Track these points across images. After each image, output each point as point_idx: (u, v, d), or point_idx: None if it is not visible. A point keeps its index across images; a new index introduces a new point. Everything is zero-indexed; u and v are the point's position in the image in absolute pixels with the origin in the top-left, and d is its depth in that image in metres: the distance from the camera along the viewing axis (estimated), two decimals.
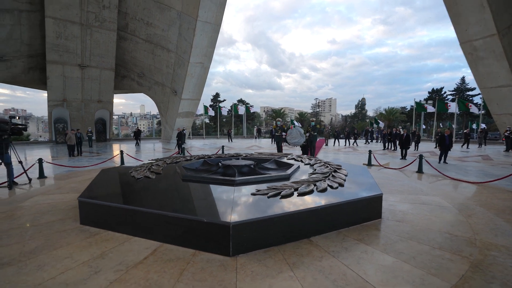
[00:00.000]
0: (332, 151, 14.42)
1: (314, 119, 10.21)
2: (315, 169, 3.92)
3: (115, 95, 22.87)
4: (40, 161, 6.20)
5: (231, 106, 29.92)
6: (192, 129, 41.12)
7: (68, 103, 19.50)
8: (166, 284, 1.82)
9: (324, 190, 2.89)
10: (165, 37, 19.56)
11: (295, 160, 4.89)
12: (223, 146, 11.59)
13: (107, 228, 2.68)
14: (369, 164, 7.92)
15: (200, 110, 29.01)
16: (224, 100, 43.46)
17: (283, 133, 9.58)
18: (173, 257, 2.14)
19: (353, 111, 65.89)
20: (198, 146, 18.45)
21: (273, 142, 20.66)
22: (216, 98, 43.96)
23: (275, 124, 10.37)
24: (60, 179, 5.86)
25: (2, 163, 5.06)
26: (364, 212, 2.84)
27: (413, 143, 14.51)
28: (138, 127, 25.05)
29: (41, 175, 5.99)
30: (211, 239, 2.14)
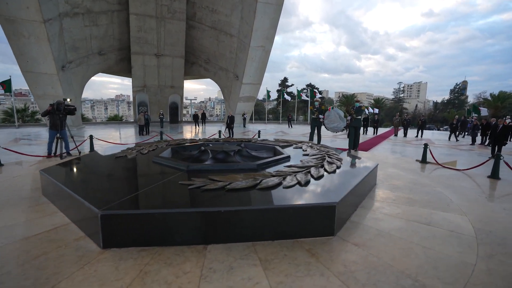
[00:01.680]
0: (393, 142, 12.15)
1: (359, 99, 8.08)
2: (301, 161, 3.21)
3: (196, 80, 25.12)
4: (91, 137, 7.36)
5: (297, 91, 28.94)
6: (260, 114, 42.00)
7: (147, 88, 22.58)
8: None
9: (270, 188, 2.23)
10: (228, 22, 19.98)
11: (303, 150, 4.18)
12: (259, 131, 11.13)
13: None
14: (424, 161, 6.19)
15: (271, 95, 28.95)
16: (292, 85, 42.40)
17: (320, 116, 8.03)
18: None
19: (447, 97, 53.97)
20: (251, 130, 18.65)
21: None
22: (284, 82, 43.28)
23: (313, 104, 8.92)
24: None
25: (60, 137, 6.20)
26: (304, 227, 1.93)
27: None
28: (203, 111, 27.06)
29: (92, 149, 7.10)
30: None
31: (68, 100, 6.53)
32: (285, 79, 43.63)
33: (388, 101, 54.74)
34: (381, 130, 21.09)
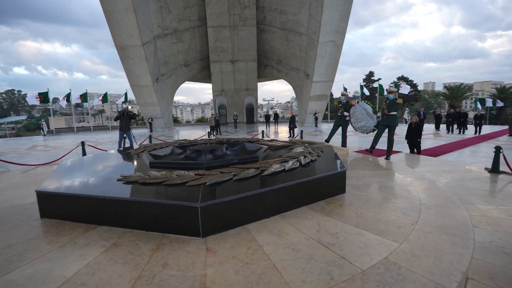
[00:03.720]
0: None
1: (393, 88, 5.69)
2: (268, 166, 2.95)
3: (281, 81, 26.17)
4: (150, 137, 8.93)
5: (379, 86, 25.57)
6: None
7: (225, 92, 24.92)
8: None
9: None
10: (297, 21, 19.77)
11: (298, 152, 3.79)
12: (301, 131, 10.30)
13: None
14: (495, 170, 4.39)
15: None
16: (379, 79, 37.49)
17: (345, 113, 6.49)
18: None
19: None
20: (322, 130, 17.75)
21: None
22: (369, 77, 38.83)
23: (339, 99, 6.93)
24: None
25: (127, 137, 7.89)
26: None
27: None
28: (275, 112, 27.64)
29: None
30: None
31: (130, 107, 8.18)
32: (371, 73, 38.99)
33: None
34: (492, 129, 15.99)
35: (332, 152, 3.82)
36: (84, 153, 7.15)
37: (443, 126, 16.37)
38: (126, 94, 22.14)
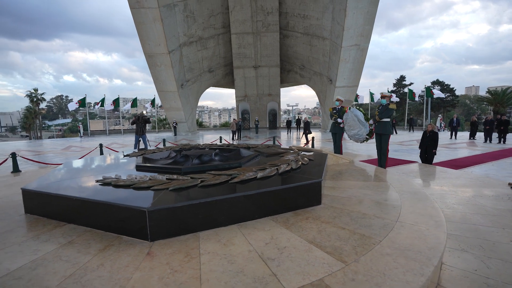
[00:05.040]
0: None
1: (386, 93, 5.29)
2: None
3: (305, 87, 26.20)
4: (164, 141, 9.31)
5: (408, 91, 24.02)
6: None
7: (248, 98, 25.24)
8: None
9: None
10: (320, 25, 19.49)
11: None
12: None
13: None
14: None
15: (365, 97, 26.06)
16: (411, 83, 35.15)
17: (339, 120, 6.18)
18: None
19: None
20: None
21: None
22: (400, 82, 36.62)
23: (334, 106, 6.56)
24: None
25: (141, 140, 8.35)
26: None
27: None
28: (298, 117, 27.30)
29: None
30: None
31: (145, 112, 8.65)
32: (402, 78, 36.76)
33: None
34: None
35: (322, 161, 3.67)
36: (101, 153, 7.69)
37: (480, 135, 14.88)
38: (154, 99, 23.43)
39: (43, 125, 53.42)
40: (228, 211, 2.23)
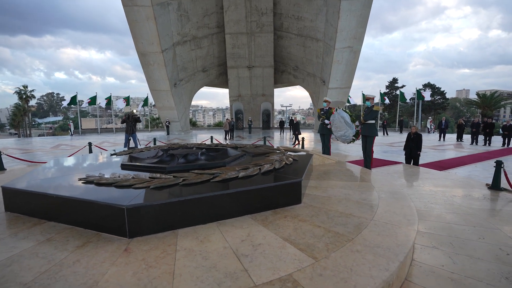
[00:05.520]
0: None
1: (370, 95, 5.59)
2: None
3: (299, 88, 26.28)
4: (154, 140, 9.29)
5: (399, 93, 24.42)
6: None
7: (241, 98, 25.27)
8: None
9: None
10: (314, 27, 19.66)
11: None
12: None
13: None
14: (495, 186, 3.98)
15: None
16: (403, 86, 35.74)
17: (326, 121, 6.24)
18: None
19: None
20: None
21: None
22: (392, 84, 37.20)
23: (323, 106, 6.64)
24: None
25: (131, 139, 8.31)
26: None
27: None
28: (292, 118, 27.40)
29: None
30: None
31: (135, 111, 8.61)
32: (394, 80, 37.34)
33: None
34: None
35: (306, 162, 3.74)
36: (90, 152, 7.63)
37: (467, 137, 15.25)
38: (147, 98, 23.26)
39: (33, 123, 52.40)
40: (207, 209, 2.28)
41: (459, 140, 14.45)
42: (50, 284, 1.48)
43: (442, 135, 15.47)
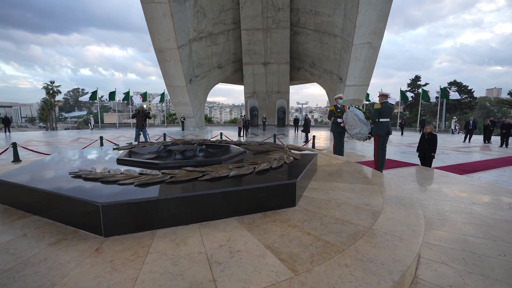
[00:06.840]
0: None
1: (384, 93, 5.11)
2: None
3: (317, 85, 25.70)
4: (164, 135, 9.35)
5: (422, 91, 23.12)
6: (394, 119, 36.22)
7: (256, 94, 25.08)
8: None
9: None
10: (331, 22, 19.05)
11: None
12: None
13: None
14: None
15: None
16: (426, 83, 33.79)
17: (339, 120, 5.93)
18: None
19: None
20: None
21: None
22: (415, 82, 35.26)
23: (336, 104, 6.26)
24: None
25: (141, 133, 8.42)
26: None
27: None
28: (306, 116, 26.87)
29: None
30: None
31: (145, 106, 8.70)
32: (417, 78, 35.37)
33: None
34: None
35: (307, 161, 3.52)
36: (101, 145, 7.82)
37: (496, 139, 14.15)
38: (163, 93, 23.70)
39: (60, 117, 55.34)
40: (190, 209, 2.15)
41: (487, 141, 13.42)
42: (7, 284, 1.40)
43: (468, 136, 14.45)
